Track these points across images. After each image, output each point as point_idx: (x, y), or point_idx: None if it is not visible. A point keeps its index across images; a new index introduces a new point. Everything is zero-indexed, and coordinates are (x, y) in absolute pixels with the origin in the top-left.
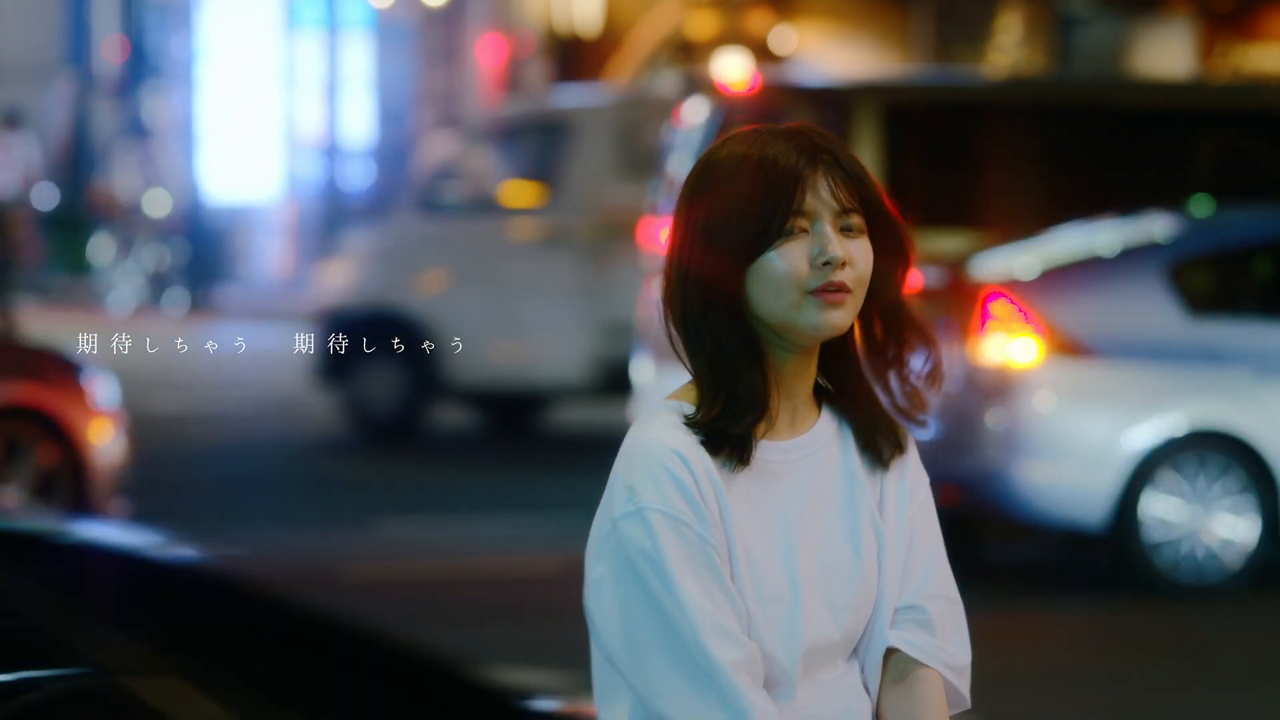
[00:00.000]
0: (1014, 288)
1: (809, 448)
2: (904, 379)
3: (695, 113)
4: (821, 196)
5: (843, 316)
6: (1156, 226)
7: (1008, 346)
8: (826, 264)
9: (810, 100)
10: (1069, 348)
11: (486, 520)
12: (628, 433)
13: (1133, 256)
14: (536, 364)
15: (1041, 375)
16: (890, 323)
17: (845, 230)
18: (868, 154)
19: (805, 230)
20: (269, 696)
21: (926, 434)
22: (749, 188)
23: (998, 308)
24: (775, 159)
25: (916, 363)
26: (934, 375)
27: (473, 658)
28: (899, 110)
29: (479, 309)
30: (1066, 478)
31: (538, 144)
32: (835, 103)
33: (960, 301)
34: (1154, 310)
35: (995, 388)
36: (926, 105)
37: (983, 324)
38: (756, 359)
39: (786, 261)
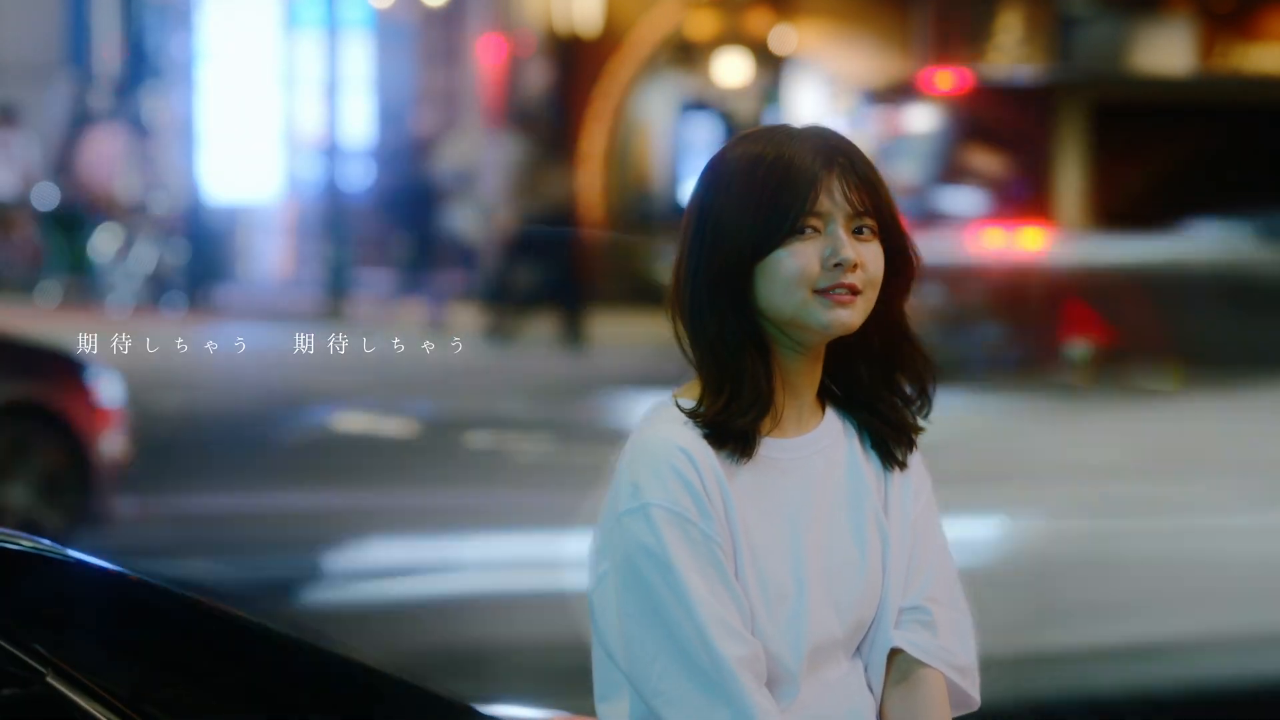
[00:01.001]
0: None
1: (815, 445)
2: (894, 392)
3: (915, 118)
4: (835, 198)
5: (852, 315)
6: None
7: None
8: (838, 265)
9: (1018, 98)
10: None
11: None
12: (634, 429)
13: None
14: None
15: None
16: (888, 335)
17: (858, 233)
18: (1073, 152)
19: (818, 230)
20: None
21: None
22: (763, 186)
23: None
24: (792, 159)
25: (907, 384)
26: (922, 401)
27: (465, 665)
28: (1107, 109)
29: None
30: None
31: None
32: (1043, 100)
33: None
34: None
35: None
36: (1136, 104)
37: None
38: (762, 355)
39: (798, 260)
